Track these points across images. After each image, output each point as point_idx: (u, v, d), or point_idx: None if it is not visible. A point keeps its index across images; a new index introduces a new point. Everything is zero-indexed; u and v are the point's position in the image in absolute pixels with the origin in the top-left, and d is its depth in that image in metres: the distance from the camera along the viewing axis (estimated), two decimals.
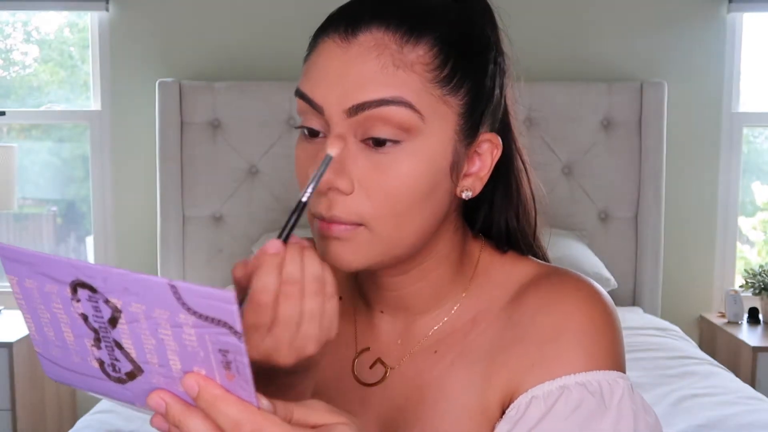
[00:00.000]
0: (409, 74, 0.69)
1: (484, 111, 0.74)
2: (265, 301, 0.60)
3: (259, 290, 0.60)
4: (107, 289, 0.53)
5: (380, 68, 0.68)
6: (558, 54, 3.28)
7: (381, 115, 0.68)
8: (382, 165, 0.70)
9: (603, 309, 0.76)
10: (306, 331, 0.62)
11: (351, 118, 0.69)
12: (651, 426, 0.73)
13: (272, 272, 0.60)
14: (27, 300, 0.58)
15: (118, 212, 3.37)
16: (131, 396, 0.59)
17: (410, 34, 0.69)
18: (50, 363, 0.62)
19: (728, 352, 3.16)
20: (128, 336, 0.55)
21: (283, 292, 0.61)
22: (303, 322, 0.62)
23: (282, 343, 0.62)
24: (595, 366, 0.73)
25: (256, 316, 0.61)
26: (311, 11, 0.84)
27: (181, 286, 0.51)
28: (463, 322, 0.81)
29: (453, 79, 0.71)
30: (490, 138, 0.75)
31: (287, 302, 0.61)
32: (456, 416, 0.77)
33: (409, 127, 0.69)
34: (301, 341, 0.62)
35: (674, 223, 3.35)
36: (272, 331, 0.61)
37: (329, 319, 0.63)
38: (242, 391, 0.55)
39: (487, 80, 0.74)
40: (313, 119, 0.72)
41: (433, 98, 0.70)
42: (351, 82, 0.68)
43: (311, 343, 0.63)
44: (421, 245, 0.76)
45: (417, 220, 0.72)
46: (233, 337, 0.52)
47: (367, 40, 0.69)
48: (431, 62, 0.70)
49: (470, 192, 0.75)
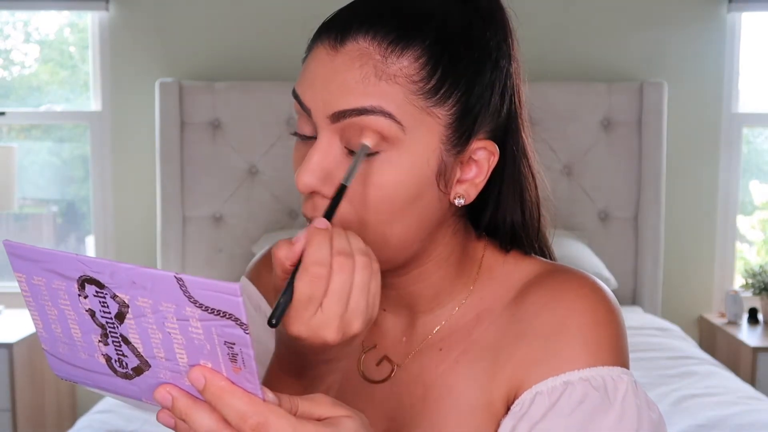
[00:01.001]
0: (392, 85, 0.69)
1: (477, 119, 0.73)
2: (320, 273, 0.62)
3: (313, 262, 0.62)
4: (115, 283, 0.53)
5: (362, 78, 0.69)
6: (558, 54, 3.28)
7: (361, 124, 0.69)
8: (364, 173, 0.71)
9: (606, 305, 0.76)
10: (355, 304, 0.64)
11: (334, 124, 0.70)
12: (654, 422, 0.73)
13: (325, 245, 0.62)
14: (35, 297, 0.58)
15: (118, 212, 3.37)
16: (138, 391, 0.60)
17: (396, 44, 0.69)
18: (57, 360, 0.62)
19: (728, 352, 3.17)
20: (135, 331, 0.55)
21: (336, 264, 0.62)
22: (353, 294, 0.63)
23: (332, 317, 0.63)
24: (598, 362, 0.73)
25: (311, 288, 0.62)
26: (311, 11, 0.84)
27: (187, 279, 0.51)
28: (467, 320, 0.81)
29: (440, 90, 0.70)
30: (486, 145, 0.75)
31: (341, 274, 0.63)
32: (461, 412, 0.78)
33: (388, 136, 0.69)
34: (350, 315, 0.64)
35: (674, 223, 3.35)
36: (324, 306, 0.63)
37: (374, 295, 0.65)
38: (248, 383, 0.55)
39: (483, 89, 0.73)
40: (305, 120, 0.73)
41: (416, 109, 0.70)
42: (334, 90, 0.70)
43: (359, 319, 0.64)
44: (412, 250, 0.76)
45: (400, 227, 0.73)
46: (239, 329, 0.52)
47: (353, 49, 0.70)
48: (416, 73, 0.70)
49: (462, 199, 0.75)
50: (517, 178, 0.80)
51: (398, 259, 0.76)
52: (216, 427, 0.56)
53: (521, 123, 0.80)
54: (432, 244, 0.78)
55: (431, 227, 0.76)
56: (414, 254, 0.77)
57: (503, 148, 0.78)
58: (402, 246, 0.74)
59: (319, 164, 0.71)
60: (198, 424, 0.57)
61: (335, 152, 0.71)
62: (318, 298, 0.62)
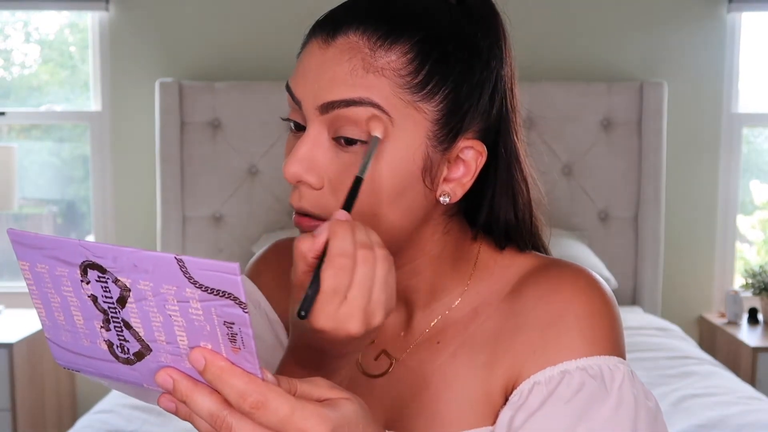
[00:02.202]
0: (379, 78, 0.71)
1: (465, 117, 0.74)
2: (346, 264, 0.63)
3: (338, 254, 0.63)
4: (117, 268, 0.54)
5: (350, 71, 0.71)
6: (558, 54, 3.29)
7: (349, 115, 0.71)
8: (350, 164, 0.72)
9: (602, 297, 0.77)
10: (378, 296, 0.64)
11: (323, 115, 0.72)
12: (651, 410, 0.74)
13: (349, 236, 0.63)
14: (38, 285, 0.59)
15: (118, 212, 3.37)
16: (139, 377, 0.60)
17: (385, 38, 0.71)
18: (60, 348, 0.63)
19: (728, 352, 3.17)
20: (137, 315, 0.56)
21: (360, 256, 0.63)
22: (375, 287, 0.64)
23: (356, 308, 0.63)
24: (595, 351, 0.74)
25: (337, 280, 0.62)
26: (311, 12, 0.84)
27: (187, 260, 0.52)
28: (464, 313, 0.82)
29: (427, 86, 0.72)
30: (473, 145, 0.76)
31: (364, 266, 0.63)
32: (460, 404, 0.79)
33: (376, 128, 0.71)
34: (373, 307, 0.64)
35: (674, 223, 3.35)
36: (348, 297, 0.63)
37: (392, 287, 0.66)
38: (247, 363, 0.56)
39: (472, 88, 0.74)
40: (297, 113, 0.75)
41: (403, 103, 0.71)
42: (324, 82, 0.71)
43: (380, 310, 0.65)
44: (397, 245, 0.77)
45: (385, 221, 0.74)
46: (238, 308, 0.53)
47: (343, 43, 0.72)
48: (403, 68, 0.71)
49: (448, 197, 0.76)
50: (508, 181, 0.81)
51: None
52: (216, 408, 0.57)
53: (513, 126, 0.81)
54: (422, 241, 0.79)
55: (417, 222, 0.77)
56: (401, 250, 0.78)
57: (494, 151, 0.78)
58: (387, 239, 0.75)
59: (306, 155, 0.72)
60: (198, 406, 0.57)
61: (323, 143, 0.73)
62: (343, 290, 0.63)
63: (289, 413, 0.56)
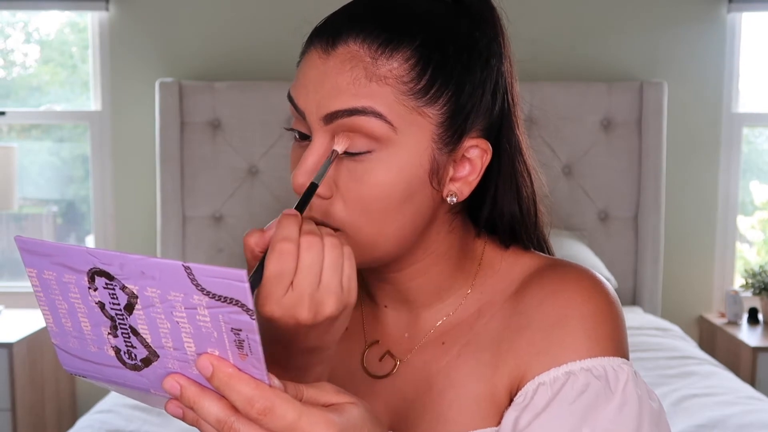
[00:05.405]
0: (382, 86, 0.71)
1: (469, 117, 0.75)
2: (288, 249, 0.63)
3: (281, 239, 0.64)
4: (124, 275, 0.54)
5: (353, 80, 0.71)
6: (558, 54, 3.29)
7: (353, 125, 0.71)
8: (357, 173, 0.72)
9: (606, 298, 0.78)
10: (327, 283, 0.65)
11: (327, 125, 0.72)
12: (655, 411, 0.74)
13: (293, 225, 0.64)
14: (45, 292, 0.59)
15: (118, 212, 3.37)
16: (146, 383, 0.60)
17: (385, 46, 0.71)
18: (67, 355, 0.63)
19: (728, 352, 3.17)
20: (144, 321, 0.56)
21: (304, 242, 0.64)
22: (324, 273, 0.65)
23: (304, 294, 0.64)
24: (599, 352, 0.75)
25: (280, 264, 0.63)
26: (311, 12, 0.85)
27: (195, 267, 0.52)
28: (469, 313, 0.83)
29: (430, 90, 0.72)
30: (478, 143, 0.76)
31: (310, 251, 0.64)
32: (464, 405, 0.79)
33: (380, 137, 0.71)
34: (321, 294, 0.65)
35: (674, 223, 3.36)
36: (294, 283, 0.64)
37: (348, 278, 0.66)
38: (254, 369, 0.56)
39: (474, 87, 0.74)
40: (300, 122, 0.75)
41: (407, 110, 0.71)
42: (326, 92, 0.71)
43: (331, 298, 0.65)
44: (406, 246, 0.77)
45: (394, 225, 0.74)
46: (246, 315, 0.53)
47: (343, 52, 0.71)
48: (406, 74, 0.71)
49: (455, 197, 0.76)
50: (512, 175, 0.81)
51: (392, 256, 0.77)
52: (223, 414, 0.57)
53: (515, 120, 0.81)
54: (427, 240, 0.79)
55: (424, 224, 0.77)
56: (408, 251, 0.78)
57: (497, 146, 0.79)
58: (396, 243, 0.75)
59: (314, 165, 0.72)
60: (206, 411, 0.58)
61: (329, 153, 0.73)
62: (287, 274, 0.64)
63: (296, 419, 0.57)
